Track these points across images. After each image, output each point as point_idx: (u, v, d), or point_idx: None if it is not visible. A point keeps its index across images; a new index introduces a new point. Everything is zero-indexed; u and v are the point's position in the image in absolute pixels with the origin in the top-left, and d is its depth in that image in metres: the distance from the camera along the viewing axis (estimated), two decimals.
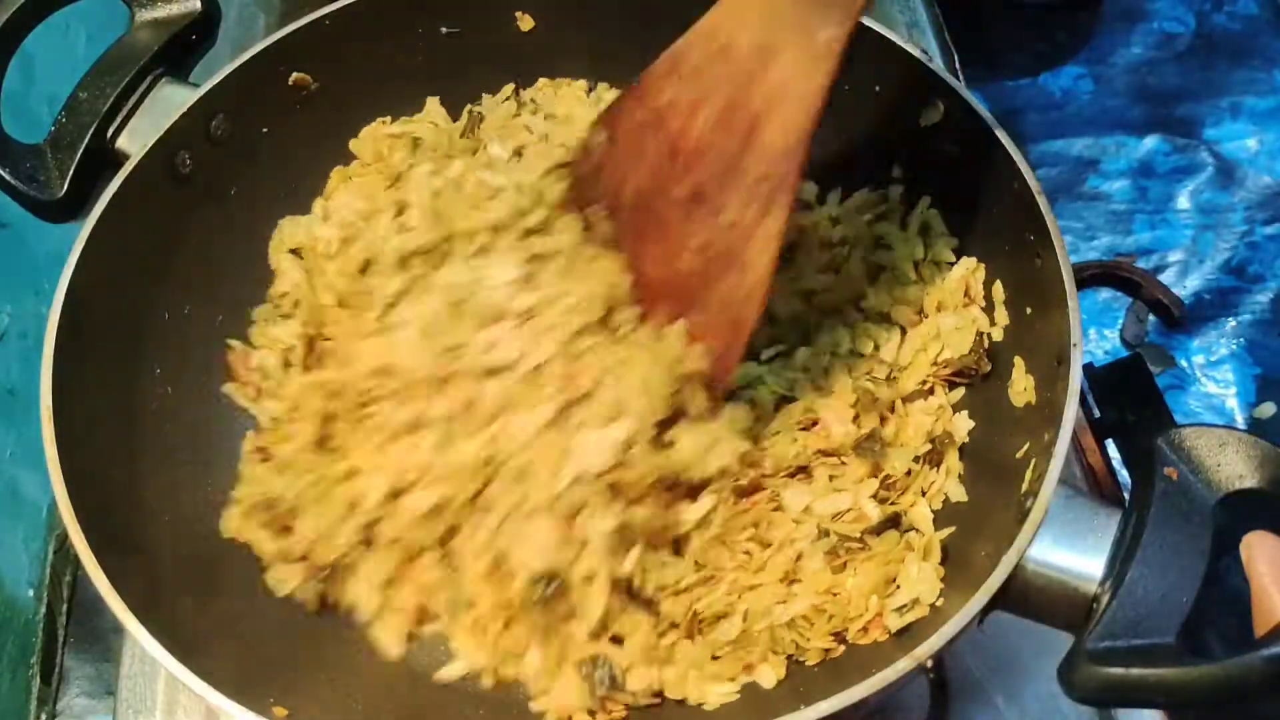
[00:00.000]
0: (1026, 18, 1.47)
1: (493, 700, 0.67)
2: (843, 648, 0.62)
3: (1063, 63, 1.45)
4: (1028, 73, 1.44)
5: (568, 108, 0.84)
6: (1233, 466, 0.54)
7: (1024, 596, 0.55)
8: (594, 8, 0.81)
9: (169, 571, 0.63)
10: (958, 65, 1.06)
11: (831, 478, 0.67)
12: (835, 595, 0.63)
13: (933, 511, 0.66)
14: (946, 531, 0.64)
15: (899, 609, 0.61)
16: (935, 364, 0.71)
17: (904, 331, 0.73)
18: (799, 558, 0.64)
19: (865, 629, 0.61)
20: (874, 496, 0.66)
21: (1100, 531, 0.55)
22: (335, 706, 0.63)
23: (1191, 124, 1.40)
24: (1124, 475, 0.93)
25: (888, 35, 0.73)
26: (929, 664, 0.53)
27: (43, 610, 0.87)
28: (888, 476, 0.67)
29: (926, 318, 0.72)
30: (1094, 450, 0.87)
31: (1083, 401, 0.78)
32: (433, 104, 0.84)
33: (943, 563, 0.63)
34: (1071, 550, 0.55)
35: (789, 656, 0.63)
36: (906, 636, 0.61)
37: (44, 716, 0.84)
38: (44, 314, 0.63)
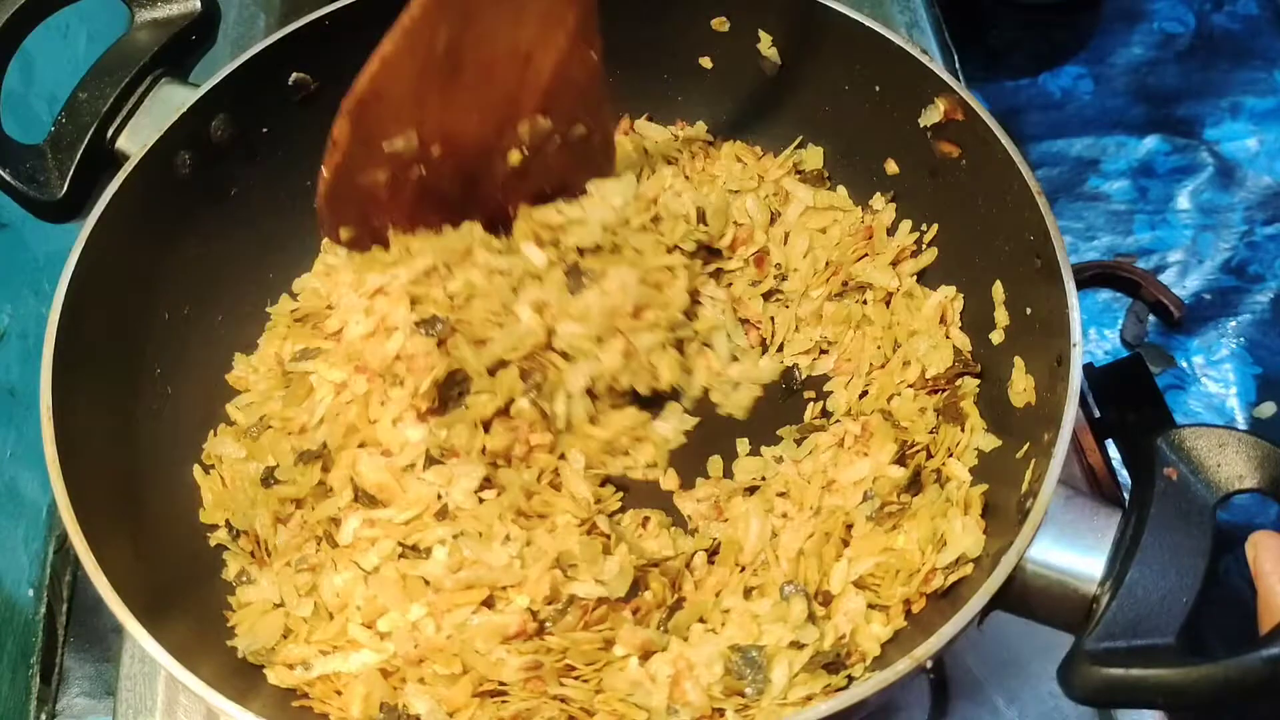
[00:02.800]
0: (1026, 18, 1.47)
1: None
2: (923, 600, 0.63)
3: (1063, 63, 1.45)
4: (1028, 73, 1.44)
5: None
6: (1233, 466, 0.54)
7: (1024, 596, 0.55)
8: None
9: (169, 571, 0.63)
10: (958, 65, 1.06)
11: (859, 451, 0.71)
12: (892, 551, 0.64)
13: (969, 468, 0.67)
14: (982, 487, 0.65)
15: (946, 567, 0.62)
16: (914, 384, 0.73)
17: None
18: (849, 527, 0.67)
19: (927, 579, 0.62)
20: (896, 461, 0.68)
21: (1100, 531, 0.55)
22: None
23: (1191, 124, 1.39)
24: (1124, 475, 0.92)
25: (888, 35, 0.72)
26: (929, 664, 0.53)
27: (43, 610, 0.87)
28: (911, 443, 0.69)
29: (899, 347, 0.74)
30: (1094, 450, 0.87)
31: (1083, 401, 0.78)
32: None
33: (983, 515, 0.64)
34: (1071, 550, 0.55)
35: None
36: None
37: (44, 716, 0.84)
38: (44, 314, 0.63)
